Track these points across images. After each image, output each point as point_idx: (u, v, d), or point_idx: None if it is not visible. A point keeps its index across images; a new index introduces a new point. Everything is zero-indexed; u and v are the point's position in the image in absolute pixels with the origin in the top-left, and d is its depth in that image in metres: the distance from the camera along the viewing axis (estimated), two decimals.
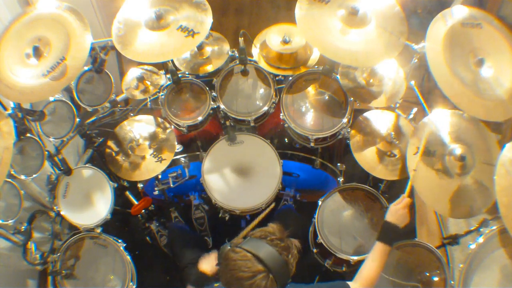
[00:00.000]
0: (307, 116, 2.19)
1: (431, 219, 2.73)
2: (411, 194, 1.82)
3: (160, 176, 2.27)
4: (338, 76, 2.17)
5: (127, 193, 2.45)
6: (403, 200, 1.77)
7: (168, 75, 2.22)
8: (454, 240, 2.00)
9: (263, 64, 2.24)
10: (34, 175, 1.98)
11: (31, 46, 1.80)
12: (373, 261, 1.65)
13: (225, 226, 2.31)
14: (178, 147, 2.26)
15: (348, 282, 1.55)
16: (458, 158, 1.78)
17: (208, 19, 1.85)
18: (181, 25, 1.84)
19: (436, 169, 1.81)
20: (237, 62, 2.27)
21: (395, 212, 1.74)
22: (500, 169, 1.55)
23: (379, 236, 1.71)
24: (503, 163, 1.55)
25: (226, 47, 2.33)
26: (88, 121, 2.24)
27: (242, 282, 1.31)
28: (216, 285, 1.56)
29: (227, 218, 2.25)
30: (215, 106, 2.22)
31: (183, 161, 2.33)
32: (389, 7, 1.88)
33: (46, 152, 1.99)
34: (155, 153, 2.18)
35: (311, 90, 2.24)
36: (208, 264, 1.90)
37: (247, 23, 3.57)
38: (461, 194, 1.78)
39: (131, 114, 2.32)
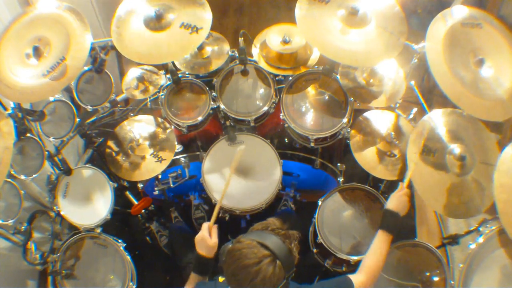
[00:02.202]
0: (307, 116, 2.19)
1: (431, 219, 2.73)
2: (410, 187, 1.81)
3: (160, 176, 2.27)
4: (338, 76, 2.17)
5: (127, 193, 2.45)
6: (403, 189, 1.77)
7: (168, 75, 2.22)
8: (454, 240, 2.00)
9: (263, 64, 2.24)
10: (34, 175, 1.98)
11: (31, 46, 1.80)
12: (376, 250, 1.65)
13: (225, 226, 2.31)
14: (178, 147, 2.26)
15: (351, 275, 1.54)
16: (458, 157, 1.79)
17: (207, 13, 1.86)
18: (182, 23, 1.84)
19: (436, 169, 1.81)
20: (237, 62, 2.27)
21: (396, 200, 1.74)
22: (501, 165, 1.55)
23: (381, 224, 1.71)
24: (504, 160, 1.56)
25: (226, 47, 2.33)
26: (88, 121, 2.24)
27: (249, 269, 1.26)
28: (221, 279, 1.54)
29: (227, 218, 2.25)
30: (215, 106, 2.22)
31: (183, 161, 2.33)
32: (389, 7, 1.88)
33: (46, 152, 1.99)
34: (155, 153, 2.18)
35: (311, 90, 2.24)
36: (204, 246, 1.71)
37: (247, 23, 3.57)
38: (461, 194, 1.78)
39: (131, 114, 2.32)
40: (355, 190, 2.13)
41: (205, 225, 1.70)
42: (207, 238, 1.67)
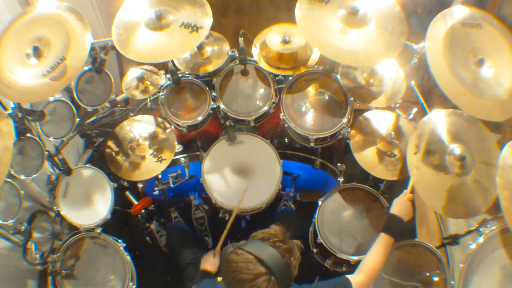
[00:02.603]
0: (307, 116, 2.19)
1: (431, 219, 2.73)
2: (412, 192, 1.83)
3: (160, 176, 2.27)
4: (338, 76, 2.17)
5: (127, 193, 2.45)
6: (406, 195, 1.80)
7: (168, 75, 2.22)
8: (454, 240, 2.00)
9: (263, 64, 2.24)
10: (34, 175, 1.98)
11: (31, 46, 1.80)
12: (376, 252, 1.66)
13: (225, 226, 2.31)
14: (178, 147, 2.26)
15: (349, 276, 1.55)
16: (458, 158, 1.78)
17: (207, 13, 1.86)
18: (183, 22, 1.84)
19: (436, 169, 1.81)
20: (237, 62, 2.27)
21: (400, 205, 1.76)
22: (503, 162, 1.55)
23: (384, 227, 1.72)
24: (505, 157, 1.56)
25: (226, 47, 2.33)
26: (88, 121, 2.24)
27: (244, 284, 1.30)
28: (219, 279, 1.56)
29: (227, 218, 2.25)
30: (215, 106, 2.22)
31: (183, 161, 2.33)
32: (389, 7, 1.88)
33: (46, 152, 1.99)
34: (155, 153, 2.18)
35: (311, 90, 2.24)
36: (209, 263, 1.93)
37: (247, 23, 3.57)
38: (461, 194, 1.78)
39: (131, 114, 2.32)
40: (355, 190, 2.13)
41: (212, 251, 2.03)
42: (211, 256, 1.98)
